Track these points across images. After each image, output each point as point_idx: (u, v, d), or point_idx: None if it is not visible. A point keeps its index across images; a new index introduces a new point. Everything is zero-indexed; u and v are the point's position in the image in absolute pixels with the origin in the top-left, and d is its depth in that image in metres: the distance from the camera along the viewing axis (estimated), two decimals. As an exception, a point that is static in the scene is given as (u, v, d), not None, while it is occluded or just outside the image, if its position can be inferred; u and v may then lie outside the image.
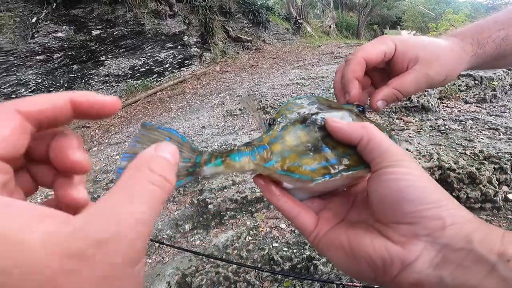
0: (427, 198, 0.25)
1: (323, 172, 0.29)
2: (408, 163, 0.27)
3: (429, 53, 0.41)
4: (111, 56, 6.39)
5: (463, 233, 0.24)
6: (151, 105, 5.71)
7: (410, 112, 2.72)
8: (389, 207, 0.26)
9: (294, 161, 0.30)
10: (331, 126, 0.31)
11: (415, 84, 0.41)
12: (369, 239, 0.27)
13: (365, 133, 0.29)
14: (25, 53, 5.27)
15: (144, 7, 6.69)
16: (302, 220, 0.32)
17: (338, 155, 0.30)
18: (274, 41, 10.46)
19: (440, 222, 0.24)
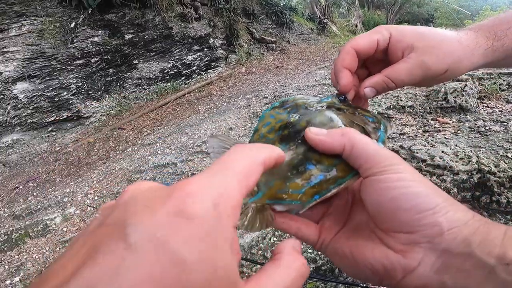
0: (422, 205, 0.24)
1: (312, 193, 0.29)
2: (398, 167, 0.26)
3: (427, 40, 0.38)
4: (143, 59, 6.66)
5: (461, 237, 0.23)
6: (180, 107, 5.89)
7: (446, 113, 2.62)
8: (385, 216, 0.26)
9: (281, 188, 0.29)
10: (310, 140, 0.30)
11: (408, 72, 0.38)
12: (370, 249, 0.27)
13: (346, 141, 0.28)
14: (65, 57, 5.60)
15: (171, 11, 6.90)
16: (303, 234, 0.32)
17: (324, 169, 0.29)
18: (299, 41, 10.41)
19: (438, 229, 0.24)
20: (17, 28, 5.22)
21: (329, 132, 0.30)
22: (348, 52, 0.39)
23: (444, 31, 0.40)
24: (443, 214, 0.24)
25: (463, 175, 1.68)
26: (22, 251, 2.54)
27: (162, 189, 0.18)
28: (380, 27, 0.41)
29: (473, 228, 0.23)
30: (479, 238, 0.23)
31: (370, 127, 0.33)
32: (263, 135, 0.33)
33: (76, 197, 3.16)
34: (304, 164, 0.30)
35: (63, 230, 2.68)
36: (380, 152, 0.27)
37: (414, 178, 0.26)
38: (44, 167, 4.54)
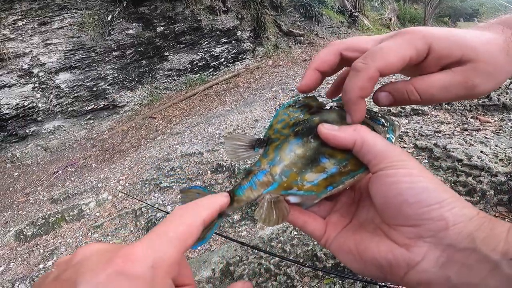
0: (428, 199, 0.25)
1: (325, 184, 0.30)
2: (406, 163, 0.27)
3: (479, 55, 0.29)
4: (173, 51, 6.84)
5: (466, 232, 0.23)
6: (208, 98, 6.00)
7: (488, 111, 2.44)
8: (392, 210, 0.26)
9: (295, 179, 0.31)
10: (323, 134, 0.30)
11: (444, 88, 0.30)
12: (375, 243, 0.28)
13: (357, 137, 0.29)
14: (103, 49, 5.90)
15: (200, 4, 6.97)
16: (310, 228, 0.33)
17: (337, 163, 0.30)
18: (328, 34, 10.12)
19: (443, 223, 0.24)
20: (59, 21, 5.55)
21: (341, 127, 0.30)
22: (372, 78, 0.29)
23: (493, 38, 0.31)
24: (449, 209, 0.24)
25: (501, 177, 1.58)
26: (57, 235, 2.67)
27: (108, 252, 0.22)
28: (415, 33, 0.30)
29: (478, 224, 0.24)
30: (483, 234, 0.23)
31: (379, 128, 0.33)
32: (277, 130, 0.34)
33: (109, 182, 3.34)
34: (317, 157, 0.31)
35: (96, 215, 2.83)
36: (389, 149, 0.28)
37: (421, 174, 0.26)
38: (82, 153, 4.85)
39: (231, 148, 0.36)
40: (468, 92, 0.31)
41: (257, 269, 1.49)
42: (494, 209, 1.54)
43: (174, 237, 0.23)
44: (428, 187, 0.25)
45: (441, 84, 0.30)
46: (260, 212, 0.31)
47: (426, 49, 0.29)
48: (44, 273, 0.25)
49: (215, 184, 2.64)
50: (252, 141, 0.35)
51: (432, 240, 0.25)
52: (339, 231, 0.32)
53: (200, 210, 0.27)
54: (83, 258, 0.22)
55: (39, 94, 5.30)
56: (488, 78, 0.30)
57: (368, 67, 0.29)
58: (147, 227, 2.41)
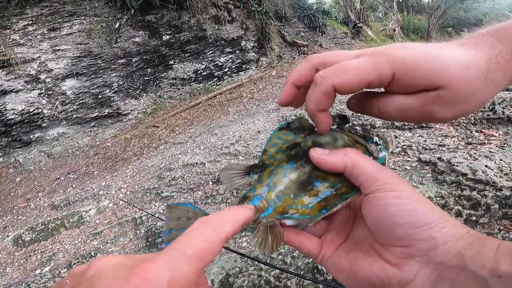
0: (417, 221, 0.26)
1: (319, 208, 0.31)
2: (396, 186, 0.28)
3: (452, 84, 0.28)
4: (178, 60, 6.92)
5: (455, 250, 0.24)
6: (211, 107, 6.04)
7: (492, 124, 2.43)
8: (383, 231, 0.27)
9: (290, 203, 0.32)
10: (314, 159, 0.31)
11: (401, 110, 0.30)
12: (368, 263, 0.28)
13: (348, 161, 0.30)
14: (110, 56, 5.97)
15: (206, 13, 7.08)
16: (306, 248, 0.33)
17: (330, 186, 0.31)
18: (332, 45, 10.23)
19: (433, 243, 0.25)
20: (68, 27, 5.64)
21: (332, 152, 0.31)
22: (327, 93, 0.29)
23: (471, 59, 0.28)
24: (438, 230, 0.25)
25: (506, 191, 1.57)
26: (56, 241, 2.66)
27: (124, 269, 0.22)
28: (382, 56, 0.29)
29: (467, 242, 0.24)
30: (472, 252, 0.24)
31: (372, 147, 0.34)
32: (271, 156, 0.35)
33: (111, 190, 3.34)
34: (311, 181, 0.32)
35: (96, 222, 2.82)
36: (380, 172, 0.29)
37: (411, 196, 0.27)
38: (84, 160, 4.87)
39: (226, 178, 0.36)
40: (424, 117, 0.30)
41: (256, 281, 1.48)
42: (499, 223, 1.52)
43: (192, 256, 0.22)
44: (417, 209, 0.26)
45: (398, 105, 0.30)
46: (256, 237, 0.31)
47: (390, 75, 0.28)
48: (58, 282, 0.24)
49: (217, 195, 2.62)
50: (247, 167, 0.36)
51: (423, 259, 0.25)
52: (334, 250, 0.32)
53: (223, 226, 0.25)
54: (97, 273, 0.22)
55: (45, 100, 5.35)
56: (450, 107, 0.29)
57: (324, 82, 0.29)
58: (147, 236, 2.39)
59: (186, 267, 0.22)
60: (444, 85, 0.28)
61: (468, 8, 17.66)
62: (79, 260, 2.31)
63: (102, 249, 2.43)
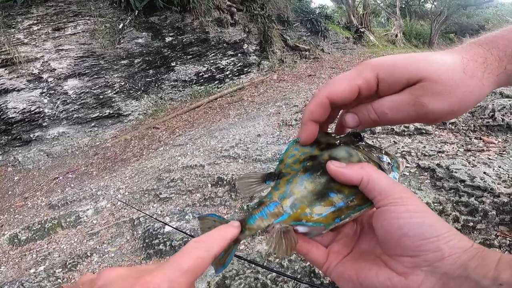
0: (426, 233, 0.27)
1: (333, 217, 0.33)
2: (407, 200, 0.29)
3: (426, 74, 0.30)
4: (180, 62, 6.95)
5: (460, 262, 0.26)
6: (212, 110, 6.05)
7: (492, 132, 2.42)
8: (392, 242, 0.29)
9: (305, 211, 0.33)
10: (331, 171, 0.33)
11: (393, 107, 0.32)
12: (374, 272, 0.30)
13: (364, 174, 0.31)
14: (112, 57, 6.00)
15: (209, 16, 7.12)
16: (313, 256, 0.35)
17: (344, 197, 0.33)
18: (333, 50, 10.27)
19: (439, 254, 0.26)
20: (72, 27, 5.67)
21: (349, 165, 0.33)
22: (321, 104, 0.33)
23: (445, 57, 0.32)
24: (445, 242, 0.27)
25: (504, 198, 1.57)
26: (52, 241, 2.66)
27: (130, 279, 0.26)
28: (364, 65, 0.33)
29: (471, 254, 0.26)
30: (475, 263, 0.25)
31: (385, 165, 0.36)
32: (288, 165, 0.37)
33: (109, 191, 3.34)
34: (326, 192, 0.33)
35: (93, 222, 2.82)
36: (393, 186, 0.31)
37: (421, 210, 0.29)
38: (84, 160, 4.87)
39: (244, 186, 0.38)
40: (418, 111, 0.31)
41: (253, 283, 1.48)
42: (496, 229, 1.52)
43: (186, 270, 0.27)
44: (426, 222, 0.28)
45: (391, 103, 0.32)
46: (271, 241, 0.33)
47: (374, 78, 0.32)
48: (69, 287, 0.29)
49: (215, 198, 2.62)
50: (264, 175, 0.38)
51: (429, 269, 0.27)
52: (340, 260, 0.34)
53: (212, 245, 0.30)
54: (107, 282, 0.26)
55: (47, 99, 5.37)
56: (437, 97, 0.30)
57: (318, 94, 0.33)
58: (144, 237, 2.38)
59: (181, 280, 0.26)
60: (423, 77, 0.30)
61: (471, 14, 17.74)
62: (74, 260, 2.31)
63: (98, 249, 2.42)
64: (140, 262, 2.19)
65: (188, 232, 2.25)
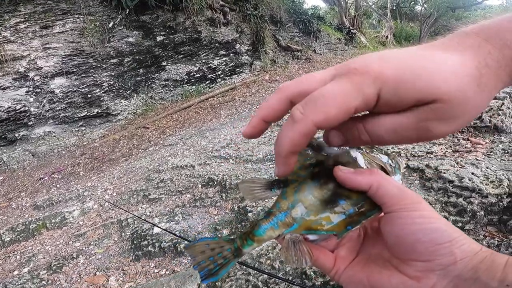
0: (440, 238, 0.28)
1: (345, 225, 0.32)
2: (419, 206, 0.30)
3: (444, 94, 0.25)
4: (171, 61, 6.89)
5: (471, 265, 0.27)
6: (203, 110, 6.01)
7: (479, 133, 2.47)
8: (405, 247, 0.29)
9: (315, 220, 0.33)
10: (339, 177, 0.32)
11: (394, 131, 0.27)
12: (386, 276, 0.30)
13: (374, 181, 0.31)
14: (101, 56, 5.91)
15: (201, 15, 7.08)
16: (321, 262, 0.35)
17: (354, 203, 0.33)
18: (325, 51, 10.34)
19: (453, 258, 0.27)
20: (60, 26, 5.57)
21: (358, 171, 0.32)
22: (306, 134, 0.26)
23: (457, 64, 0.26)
24: (458, 246, 0.28)
25: (492, 199, 1.59)
26: (36, 242, 2.60)
27: None
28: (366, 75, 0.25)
29: (481, 257, 0.27)
30: (485, 266, 0.27)
31: (388, 167, 0.36)
32: (294, 172, 0.35)
33: (96, 191, 3.27)
34: (335, 199, 0.33)
35: (79, 223, 2.76)
36: (403, 192, 0.30)
37: (433, 215, 0.29)
38: (70, 160, 4.77)
39: (246, 189, 0.37)
40: (421, 135, 0.27)
41: (244, 285, 1.47)
42: (484, 229, 1.54)
43: None
44: (440, 227, 0.28)
45: (390, 126, 0.27)
46: (285, 253, 0.33)
47: (375, 95, 0.25)
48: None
49: (206, 198, 2.59)
50: (268, 182, 0.37)
51: (442, 273, 0.28)
52: (348, 264, 0.34)
53: None
54: None
55: (32, 98, 5.25)
56: (447, 121, 0.26)
57: (304, 120, 0.26)
58: (132, 238, 2.34)
59: None
60: (436, 98, 0.25)
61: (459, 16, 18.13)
62: (60, 262, 2.25)
63: (84, 251, 2.36)
64: (129, 263, 2.15)
65: (177, 233, 2.22)
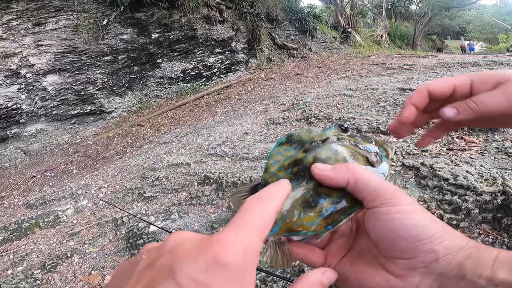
0: (419, 234, 0.27)
1: (324, 224, 0.32)
2: (399, 200, 0.29)
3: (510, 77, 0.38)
4: (166, 59, 6.83)
5: (456, 262, 0.26)
6: (198, 108, 5.98)
7: (473, 131, 2.50)
8: (387, 244, 0.29)
9: (296, 221, 0.32)
10: (316, 175, 0.32)
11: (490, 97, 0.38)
12: (371, 274, 0.30)
13: (350, 176, 0.31)
14: (95, 53, 5.83)
15: (197, 13, 7.04)
16: (310, 260, 0.35)
17: (334, 201, 0.32)
18: (321, 49, 10.36)
19: (434, 255, 0.26)
20: (54, 23, 5.49)
21: (334, 167, 0.32)
22: (420, 92, 0.40)
23: None
24: (439, 243, 0.27)
25: (486, 196, 1.61)
26: (30, 241, 2.57)
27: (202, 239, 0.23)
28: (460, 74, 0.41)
29: (467, 253, 0.26)
30: (471, 263, 0.25)
31: (373, 157, 0.35)
32: (273, 174, 0.35)
33: (90, 190, 3.23)
34: (315, 198, 0.32)
35: (73, 222, 2.73)
36: (382, 186, 0.30)
37: (413, 210, 0.28)
38: (63, 158, 4.71)
39: (236, 202, 0.37)
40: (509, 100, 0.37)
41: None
42: (479, 227, 1.55)
43: (258, 226, 0.24)
44: (419, 223, 0.27)
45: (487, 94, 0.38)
46: (266, 255, 0.32)
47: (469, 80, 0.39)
48: (129, 260, 0.24)
49: (202, 196, 2.57)
50: (252, 188, 0.37)
51: (425, 270, 0.27)
52: (338, 261, 0.34)
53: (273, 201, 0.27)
54: (176, 245, 0.23)
55: (24, 95, 5.17)
56: None
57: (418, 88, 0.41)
58: (128, 237, 2.32)
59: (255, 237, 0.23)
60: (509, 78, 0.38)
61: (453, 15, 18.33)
62: (54, 261, 2.22)
63: (79, 250, 2.34)
64: (124, 263, 2.13)
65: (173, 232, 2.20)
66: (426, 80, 4.74)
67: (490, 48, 19.28)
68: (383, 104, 3.53)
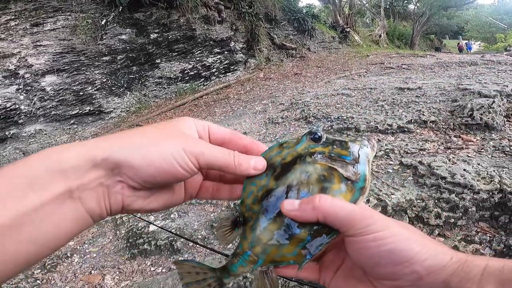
0: (398, 259, 0.27)
1: (304, 254, 0.32)
2: (372, 227, 0.28)
3: None
4: (165, 59, 6.83)
5: (440, 279, 0.26)
6: (197, 108, 5.98)
7: (471, 130, 2.51)
8: (369, 269, 0.29)
9: (277, 253, 0.33)
10: (286, 214, 0.32)
11: None
12: None
13: (318, 214, 0.30)
14: (94, 53, 5.83)
15: (196, 13, 7.04)
16: (305, 275, 0.36)
17: (311, 230, 0.32)
18: (319, 49, 10.37)
19: (417, 276, 0.27)
20: (52, 23, 5.48)
21: (301, 207, 0.31)
22: None
23: None
24: (420, 263, 0.26)
25: (483, 194, 1.62)
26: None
27: None
28: None
29: (452, 269, 0.26)
30: (458, 278, 0.25)
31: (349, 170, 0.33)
32: (249, 207, 0.36)
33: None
34: (291, 229, 0.33)
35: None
36: (353, 215, 0.29)
37: (390, 233, 0.28)
38: (63, 158, 4.70)
39: (221, 236, 0.38)
40: None
41: (242, 282, 1.47)
42: (476, 225, 1.56)
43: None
44: (397, 247, 0.27)
45: None
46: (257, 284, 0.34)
47: None
48: None
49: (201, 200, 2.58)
50: (233, 221, 0.37)
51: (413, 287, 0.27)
52: (332, 275, 0.34)
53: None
54: None
55: (23, 96, 5.17)
56: None
57: None
58: (128, 237, 2.32)
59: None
60: None
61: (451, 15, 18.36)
62: (54, 261, 2.22)
63: (79, 249, 2.34)
64: (124, 262, 2.14)
65: (173, 231, 2.21)
66: (424, 79, 4.76)
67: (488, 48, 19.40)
68: (381, 104, 3.55)
